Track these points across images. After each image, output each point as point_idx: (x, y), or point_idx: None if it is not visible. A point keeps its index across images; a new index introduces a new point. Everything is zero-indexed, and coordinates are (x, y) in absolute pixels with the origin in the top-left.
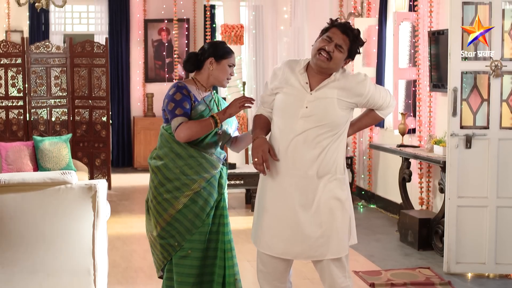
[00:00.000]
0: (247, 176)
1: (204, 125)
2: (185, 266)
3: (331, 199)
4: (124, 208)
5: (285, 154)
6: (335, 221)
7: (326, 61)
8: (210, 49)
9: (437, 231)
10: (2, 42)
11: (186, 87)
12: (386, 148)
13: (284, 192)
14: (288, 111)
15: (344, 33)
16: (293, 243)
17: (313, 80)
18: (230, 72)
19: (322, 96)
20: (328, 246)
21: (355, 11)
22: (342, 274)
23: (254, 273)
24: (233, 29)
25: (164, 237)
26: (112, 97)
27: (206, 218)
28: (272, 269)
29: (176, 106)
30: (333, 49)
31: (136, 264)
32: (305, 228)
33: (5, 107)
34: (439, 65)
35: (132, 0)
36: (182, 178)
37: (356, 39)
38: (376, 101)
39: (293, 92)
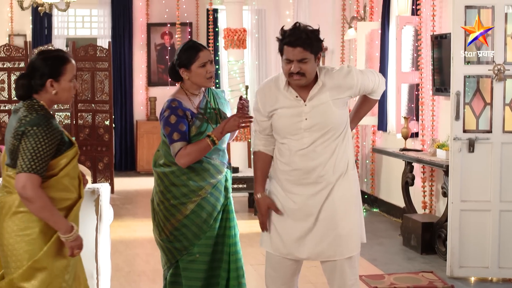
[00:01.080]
0: (249, 180)
1: (202, 148)
2: (193, 270)
3: (345, 197)
4: (127, 212)
5: (297, 167)
6: (350, 218)
7: (302, 79)
8: (178, 60)
9: (440, 235)
10: (5, 46)
11: (180, 105)
12: (389, 152)
13: (298, 198)
14: (290, 129)
15: (295, 46)
16: (310, 244)
17: (301, 91)
18: (207, 71)
19: (317, 104)
20: (344, 244)
21: (358, 15)
22: (353, 275)
23: (256, 277)
24: (236, 33)
25: (171, 241)
26: (115, 101)
27: (213, 223)
28: (283, 273)
29: (173, 130)
30: (298, 67)
31: (139, 268)
32: (320, 228)
33: (8, 111)
34: (442, 69)
35: (135, 4)
36: (190, 184)
37: (308, 40)
38: (367, 87)
39: (288, 109)
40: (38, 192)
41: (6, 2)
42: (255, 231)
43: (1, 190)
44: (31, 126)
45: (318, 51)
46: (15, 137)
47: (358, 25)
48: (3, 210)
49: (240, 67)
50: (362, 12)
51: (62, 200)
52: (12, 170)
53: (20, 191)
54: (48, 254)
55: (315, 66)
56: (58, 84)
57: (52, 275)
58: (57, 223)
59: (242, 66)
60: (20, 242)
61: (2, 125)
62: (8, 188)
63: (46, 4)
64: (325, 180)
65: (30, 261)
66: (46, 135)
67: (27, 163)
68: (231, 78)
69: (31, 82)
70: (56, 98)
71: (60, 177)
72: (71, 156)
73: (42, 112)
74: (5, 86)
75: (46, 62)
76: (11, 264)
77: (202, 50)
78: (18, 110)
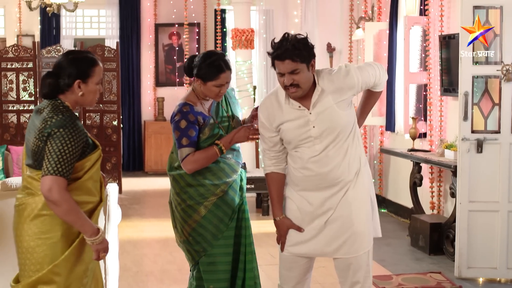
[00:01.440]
0: (258, 180)
1: (210, 156)
2: (215, 272)
3: (359, 194)
4: (135, 212)
5: (311, 174)
6: (364, 215)
7: (298, 90)
8: (198, 68)
9: (448, 235)
10: (14, 47)
11: (192, 109)
12: (397, 153)
13: (315, 200)
14: (300, 138)
15: (283, 59)
16: (325, 242)
17: (303, 101)
18: (221, 91)
19: (322, 110)
20: (359, 241)
21: (366, 15)
22: (367, 271)
23: (265, 277)
24: (244, 33)
25: (191, 243)
26: (123, 101)
27: (230, 222)
28: (297, 272)
29: (182, 135)
30: (291, 79)
31: (147, 268)
32: (336, 226)
33: (16, 111)
34: (450, 69)
35: (143, 5)
36: (206, 184)
37: (296, 50)
38: (368, 82)
39: (293, 122)
40: (64, 195)
41: (14, 2)
42: (263, 231)
43: (22, 191)
44: (57, 128)
45: (310, 59)
46: (40, 139)
47: (366, 25)
48: (24, 212)
49: (247, 68)
50: (370, 12)
51: (84, 203)
52: (34, 171)
53: (46, 194)
54: (68, 259)
55: (309, 74)
56: (85, 86)
57: (70, 280)
58: (84, 226)
59: (250, 66)
60: (42, 246)
61: (10, 125)
62: (30, 189)
63: (54, 5)
64: (342, 181)
65: (51, 265)
66: (72, 137)
67: (53, 165)
68: (239, 78)
69: (59, 81)
70: (81, 99)
71: (84, 180)
72: (95, 159)
73: (67, 113)
74: (13, 86)
75: (75, 63)
76: (30, 267)
77: (225, 72)
78: (41, 110)
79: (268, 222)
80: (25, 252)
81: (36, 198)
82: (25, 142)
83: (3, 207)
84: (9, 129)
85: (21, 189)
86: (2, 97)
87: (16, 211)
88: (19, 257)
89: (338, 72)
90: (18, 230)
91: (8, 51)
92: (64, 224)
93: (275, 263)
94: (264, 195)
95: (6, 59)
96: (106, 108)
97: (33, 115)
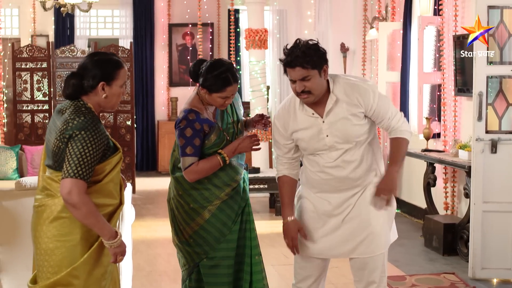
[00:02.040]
0: (271, 181)
1: (213, 166)
2: (217, 275)
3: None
4: (148, 211)
5: (329, 177)
6: (381, 215)
7: (310, 96)
8: (204, 79)
9: (462, 236)
10: (28, 47)
11: (198, 117)
12: (410, 153)
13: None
14: (316, 146)
15: (294, 66)
16: (342, 242)
17: (317, 108)
18: (225, 102)
19: (335, 120)
20: (376, 241)
21: (380, 15)
22: (382, 272)
23: (278, 277)
24: (257, 33)
25: (190, 245)
26: (137, 101)
27: (233, 226)
28: (312, 271)
29: (187, 144)
30: (302, 85)
31: (160, 268)
32: (353, 226)
33: (30, 111)
34: (464, 69)
35: (157, 5)
36: (211, 187)
37: (306, 57)
38: (383, 115)
39: (307, 130)
40: (83, 198)
41: (29, 3)
42: (276, 231)
43: (41, 192)
44: (79, 130)
45: (322, 64)
46: (61, 140)
47: (380, 25)
48: (43, 213)
49: (261, 68)
50: (384, 12)
51: (105, 206)
52: (54, 172)
53: (65, 197)
54: (87, 262)
55: (322, 80)
56: (109, 88)
57: (89, 282)
58: (102, 229)
59: (263, 66)
60: (61, 248)
61: (24, 125)
62: (49, 190)
63: (69, 5)
64: (361, 183)
65: (69, 268)
66: (93, 140)
67: (73, 168)
68: (252, 78)
69: (83, 82)
70: (104, 102)
71: (104, 183)
72: (116, 162)
73: (89, 115)
74: (27, 86)
75: (101, 65)
76: (48, 269)
77: (232, 85)
78: (63, 111)
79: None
80: (44, 254)
81: (55, 200)
82: (45, 142)
83: (17, 207)
84: (23, 129)
85: (39, 190)
86: (16, 97)
87: (35, 212)
88: (37, 258)
89: (358, 85)
90: (37, 231)
91: (22, 51)
92: (83, 226)
93: (288, 263)
94: (277, 195)
95: (21, 59)
96: (120, 108)
97: (55, 115)
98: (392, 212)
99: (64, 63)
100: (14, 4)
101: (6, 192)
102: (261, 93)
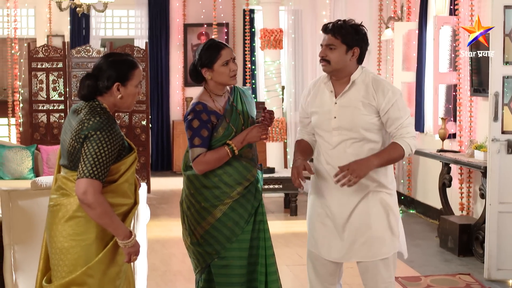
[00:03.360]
0: (285, 181)
1: (221, 157)
2: (228, 275)
3: (380, 202)
4: (163, 211)
5: (330, 167)
6: (384, 221)
7: (327, 65)
8: (199, 60)
9: (477, 237)
10: (44, 47)
11: (205, 108)
12: (426, 153)
13: (332, 200)
14: (323, 125)
15: (326, 32)
16: (343, 245)
17: (338, 87)
18: (230, 69)
19: (346, 103)
20: (377, 246)
21: (395, 15)
22: (388, 277)
23: (292, 277)
24: (272, 33)
25: (202, 245)
26: (152, 101)
27: (246, 225)
28: (324, 271)
29: (194, 135)
30: (324, 53)
31: (175, 267)
32: (354, 230)
33: (46, 111)
34: (480, 69)
35: (172, 5)
36: (222, 186)
37: (341, 29)
38: (393, 118)
39: (321, 107)
40: (99, 198)
41: (45, 3)
42: (291, 231)
43: (56, 191)
44: (94, 131)
45: (353, 44)
46: (76, 140)
47: (395, 25)
48: (59, 213)
49: (276, 68)
50: (399, 12)
51: (119, 205)
52: (69, 172)
53: (81, 197)
54: (102, 261)
55: (346, 58)
56: (124, 89)
57: (103, 282)
58: (117, 229)
59: (279, 66)
60: (76, 247)
61: (40, 125)
62: (65, 190)
63: (84, 5)
64: (359, 188)
65: (84, 267)
66: (108, 140)
67: (88, 168)
68: (268, 78)
69: (98, 83)
70: (120, 102)
71: (119, 183)
72: (131, 162)
73: (105, 116)
74: (43, 86)
75: (115, 66)
76: (63, 268)
77: (224, 48)
78: (79, 111)
79: (296, 222)
80: (59, 253)
81: (71, 199)
82: (61, 142)
83: (33, 206)
84: (39, 129)
85: (54, 189)
86: (32, 97)
87: (50, 212)
88: (52, 257)
89: (381, 82)
90: (52, 230)
91: (38, 51)
92: (98, 226)
93: (303, 263)
94: (292, 195)
95: (37, 59)
96: (135, 108)
97: (70, 115)
98: (395, 218)
99: (79, 63)
100: (30, 4)
101: (22, 191)
102: (276, 93)
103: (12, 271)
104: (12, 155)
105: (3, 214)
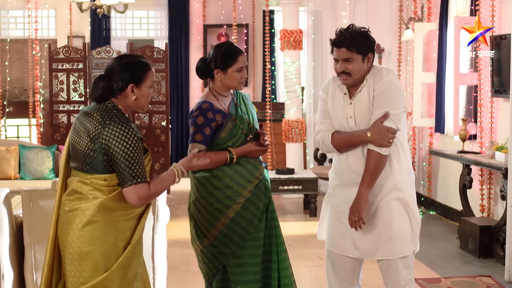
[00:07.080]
0: (305, 182)
1: (219, 160)
2: (244, 273)
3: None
4: (182, 212)
5: (350, 166)
6: (405, 219)
7: (348, 79)
8: (215, 60)
9: (498, 238)
10: (64, 48)
11: (212, 106)
12: (446, 154)
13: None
14: (341, 124)
15: (340, 47)
16: (365, 242)
17: (351, 89)
18: (242, 76)
19: (359, 104)
20: (399, 243)
21: (415, 15)
22: (408, 275)
23: (311, 278)
24: (292, 34)
25: (216, 246)
26: (172, 102)
27: (258, 223)
28: (342, 269)
29: (197, 131)
30: (344, 66)
31: (195, 268)
32: (376, 228)
33: (66, 111)
34: (501, 70)
35: (192, 6)
36: (234, 186)
37: (354, 40)
38: (377, 105)
39: (338, 105)
40: (152, 195)
41: (65, 4)
42: (311, 232)
43: (69, 196)
44: (116, 137)
45: (367, 51)
46: (97, 142)
47: (416, 26)
48: (75, 218)
49: (296, 68)
50: (420, 13)
51: (133, 208)
52: (84, 175)
53: (138, 204)
54: (122, 265)
55: (363, 66)
56: (138, 90)
57: (123, 285)
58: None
59: (298, 67)
60: (95, 252)
61: (60, 125)
62: (80, 194)
63: (105, 6)
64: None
65: (106, 273)
66: (131, 140)
67: (127, 175)
68: (287, 79)
69: (112, 84)
70: (134, 103)
71: None
72: (146, 163)
73: (122, 118)
74: (64, 87)
75: (129, 67)
76: (81, 273)
77: (241, 55)
78: (91, 113)
79: (315, 223)
80: (77, 258)
81: (88, 204)
82: (71, 144)
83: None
84: (59, 129)
85: (66, 194)
86: (53, 97)
87: (66, 218)
88: (68, 263)
89: (381, 71)
90: (69, 236)
91: (59, 52)
92: (116, 230)
93: (323, 265)
94: (312, 196)
95: (57, 60)
96: (155, 108)
97: (81, 117)
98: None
99: (100, 64)
100: (51, 5)
101: (42, 191)
102: (296, 94)
103: (33, 270)
104: (33, 155)
105: (24, 214)
